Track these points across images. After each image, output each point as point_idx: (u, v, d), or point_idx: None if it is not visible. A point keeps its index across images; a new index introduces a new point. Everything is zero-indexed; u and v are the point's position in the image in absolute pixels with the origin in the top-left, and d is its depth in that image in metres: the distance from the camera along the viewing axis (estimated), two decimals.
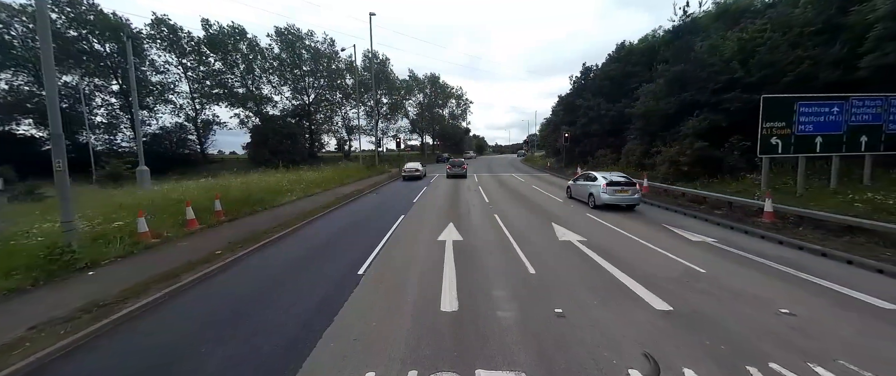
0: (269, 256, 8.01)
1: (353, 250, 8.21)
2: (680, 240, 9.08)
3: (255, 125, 40.95)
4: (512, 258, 7.51)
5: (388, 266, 7.09)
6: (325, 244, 8.89)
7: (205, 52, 39.20)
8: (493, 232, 9.91)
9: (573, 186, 15.91)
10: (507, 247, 8.32)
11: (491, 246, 8.46)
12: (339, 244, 8.86)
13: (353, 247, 8.54)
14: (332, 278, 6.40)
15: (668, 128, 20.05)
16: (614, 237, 9.36)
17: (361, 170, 29.44)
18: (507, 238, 9.20)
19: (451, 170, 26.46)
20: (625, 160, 24.07)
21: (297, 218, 11.79)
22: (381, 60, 53.03)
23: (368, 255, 7.73)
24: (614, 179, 13.18)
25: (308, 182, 20.52)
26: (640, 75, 27.61)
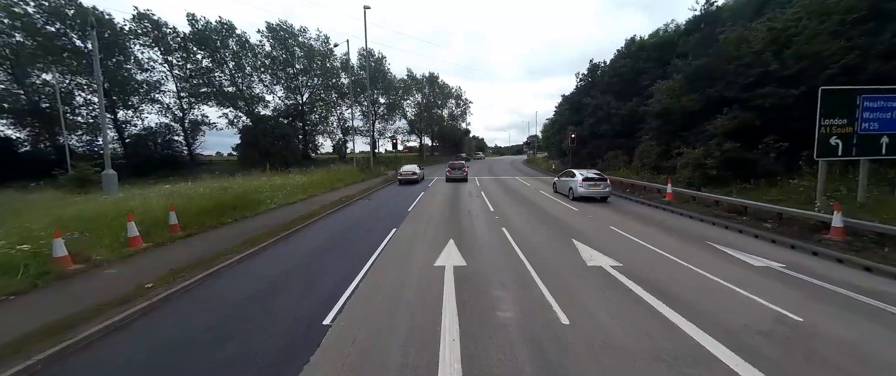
0: (212, 292, 6.14)
1: (325, 282, 6.35)
2: (738, 265, 7.25)
3: (246, 125, 39.08)
4: (533, 296, 5.66)
5: (367, 311, 5.23)
6: (290, 272, 7.02)
7: (192, 50, 37.35)
8: (502, 252, 8.06)
9: (557, 182, 18.27)
10: (524, 278, 6.48)
11: (503, 274, 6.61)
12: (308, 272, 7.00)
13: (325, 276, 6.67)
14: (283, 335, 4.54)
15: (689, 127, 18.25)
16: (655, 260, 7.52)
17: (355, 173, 27.59)
18: (521, 262, 7.35)
19: (450, 173, 24.64)
20: (639, 162, 22.26)
21: (268, 233, 9.92)
22: (377, 58, 51.23)
23: (343, 291, 5.88)
24: (589, 176, 15.58)
25: (294, 187, 18.65)
26: (652, 72, 25.86)
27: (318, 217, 12.38)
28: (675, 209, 13.13)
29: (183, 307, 5.56)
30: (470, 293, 5.77)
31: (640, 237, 9.45)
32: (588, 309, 5.21)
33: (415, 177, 24.13)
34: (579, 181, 15.30)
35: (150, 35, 35.44)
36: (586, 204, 14.95)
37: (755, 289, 5.93)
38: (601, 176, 15.91)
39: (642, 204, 14.89)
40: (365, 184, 23.18)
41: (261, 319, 4.99)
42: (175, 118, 39.46)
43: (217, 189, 16.33)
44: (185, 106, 39.07)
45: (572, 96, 32.27)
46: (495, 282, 6.25)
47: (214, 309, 5.40)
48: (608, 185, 15.54)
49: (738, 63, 16.19)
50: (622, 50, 29.06)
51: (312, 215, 12.50)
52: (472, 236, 9.54)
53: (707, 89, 16.96)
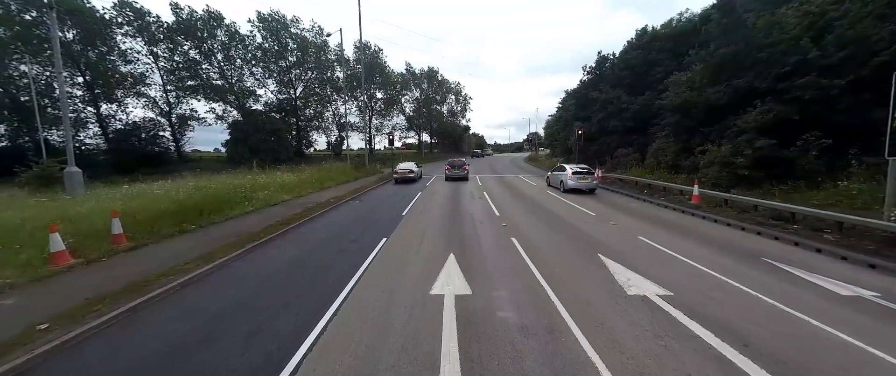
0: (128, 339, 4.51)
1: (281, 325, 4.73)
2: (818, 294, 5.66)
3: (235, 121, 37.26)
4: (567, 348, 4.06)
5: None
6: (238, 306, 5.39)
7: (179, 40, 35.49)
8: (516, 274, 6.44)
9: (550, 176, 19.95)
10: (550, 315, 4.86)
11: (521, 310, 5.00)
12: (262, 307, 5.36)
13: (283, 314, 5.05)
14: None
15: (712, 122, 16.62)
16: (710, 286, 5.91)
17: (348, 171, 25.91)
18: (542, 289, 5.74)
19: (449, 171, 22.98)
20: (653, 161, 20.64)
21: (231, 245, 8.28)
22: (373, 51, 49.37)
23: (303, 341, 4.27)
24: (577, 170, 17.22)
25: (279, 186, 17.00)
26: (666, 64, 24.21)
27: (297, 223, 10.73)
28: (705, 214, 11.52)
29: (77, 363, 3.93)
30: (480, 343, 4.15)
31: (679, 251, 7.85)
32: (646, 368, 3.60)
33: (412, 175, 22.78)
34: (569, 175, 16.97)
35: (133, 24, 33.57)
36: (605, 207, 13.35)
37: (856, 331, 4.39)
38: (588, 170, 17.59)
39: (665, 207, 13.29)
40: (358, 184, 21.53)
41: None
42: (162, 112, 37.67)
43: (192, 189, 14.76)
44: (171, 100, 37.27)
45: (579, 90, 30.58)
46: (513, 323, 4.63)
47: (121, 371, 3.78)
48: (596, 179, 17.22)
49: (771, 50, 14.54)
50: (632, 41, 27.37)
51: (291, 221, 10.86)
52: (476, 250, 7.91)
53: (735, 79, 15.31)
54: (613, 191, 17.94)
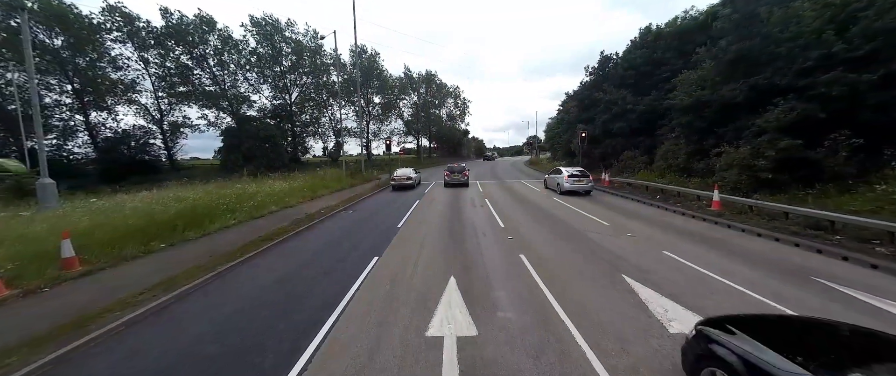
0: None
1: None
2: (891, 321, 4.62)
3: (228, 127, 36.26)
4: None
5: None
6: (184, 356, 4.34)
7: (170, 46, 34.62)
8: (530, 305, 5.39)
9: (547, 179, 20.36)
10: (577, 366, 3.82)
11: (541, 361, 3.95)
12: (222, 352, 4.32)
13: (243, 366, 4.00)
14: None
15: (727, 121, 15.66)
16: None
17: (343, 178, 24.90)
18: (563, 326, 4.70)
19: (449, 177, 21.97)
20: (663, 163, 19.65)
21: (201, 267, 7.25)
22: (369, 55, 48.53)
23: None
24: (573, 173, 17.79)
25: (268, 196, 15.97)
26: (672, 63, 23.31)
27: (280, 238, 9.69)
28: (730, 222, 10.50)
29: None
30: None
31: (713, 269, 6.81)
32: None
33: (410, 181, 21.83)
34: (565, 177, 17.55)
35: (122, 30, 32.70)
36: (618, 215, 12.32)
37: None
38: (584, 172, 17.96)
39: (683, 215, 12.27)
40: (353, 191, 20.51)
41: None
42: (153, 120, 36.70)
43: (172, 200, 13.76)
44: (163, 107, 36.33)
45: (581, 91, 29.66)
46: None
47: None
48: (591, 181, 17.72)
49: (790, 45, 13.61)
50: (636, 40, 26.49)
51: (274, 236, 9.81)
52: (481, 271, 6.86)
53: (752, 76, 14.36)
54: (622, 196, 16.93)
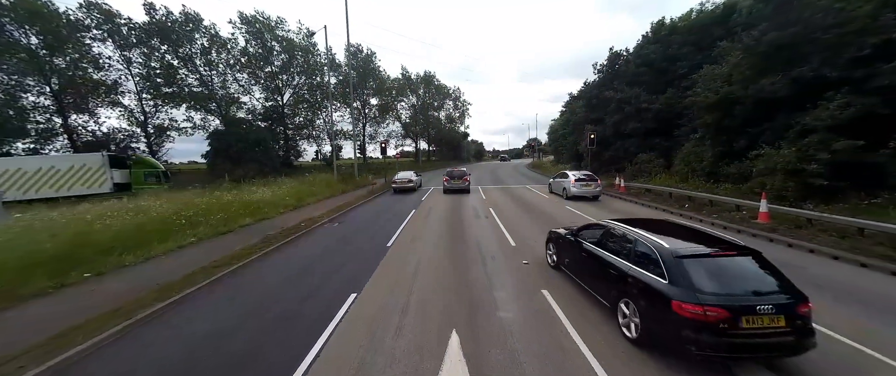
0: None
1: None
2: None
3: (215, 130, 34.39)
4: None
5: None
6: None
7: (155, 45, 32.84)
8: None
9: (552, 183, 19.11)
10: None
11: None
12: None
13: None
14: None
15: (763, 120, 13.88)
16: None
17: (334, 183, 23.05)
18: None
19: (448, 182, 20.12)
20: (684, 167, 17.82)
21: (111, 313, 5.39)
22: (365, 55, 46.81)
23: None
24: (580, 177, 16.44)
25: (242, 206, 14.11)
26: (689, 58, 21.57)
27: (239, 263, 7.80)
28: (790, 240, 8.66)
29: None
30: None
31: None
32: None
33: (411, 184, 21.61)
34: (572, 181, 16.33)
35: (102, 28, 30.93)
36: None
37: None
38: (591, 176, 16.75)
39: (725, 228, 10.43)
40: (343, 199, 18.64)
41: None
42: (137, 122, 34.82)
43: (130, 212, 11.93)
44: (147, 109, 34.47)
45: (589, 90, 27.86)
46: None
47: None
48: (599, 185, 16.50)
49: (840, 31, 11.82)
50: (649, 35, 24.77)
51: (233, 260, 7.93)
52: (494, 326, 4.97)
53: (795, 68, 12.57)
54: (643, 204, 15.09)
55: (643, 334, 4.11)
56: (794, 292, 3.75)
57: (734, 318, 3.52)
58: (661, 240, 4.37)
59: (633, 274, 4.39)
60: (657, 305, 3.94)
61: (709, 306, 3.55)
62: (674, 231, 4.99)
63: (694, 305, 3.59)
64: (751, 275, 3.97)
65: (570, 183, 16.36)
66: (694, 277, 3.80)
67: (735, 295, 3.71)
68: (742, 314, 3.54)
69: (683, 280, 3.81)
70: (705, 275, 3.84)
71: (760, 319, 3.54)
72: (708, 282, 3.77)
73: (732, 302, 3.60)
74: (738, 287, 3.84)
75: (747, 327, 3.53)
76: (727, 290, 3.75)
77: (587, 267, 5.55)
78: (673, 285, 3.85)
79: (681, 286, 3.79)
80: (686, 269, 3.87)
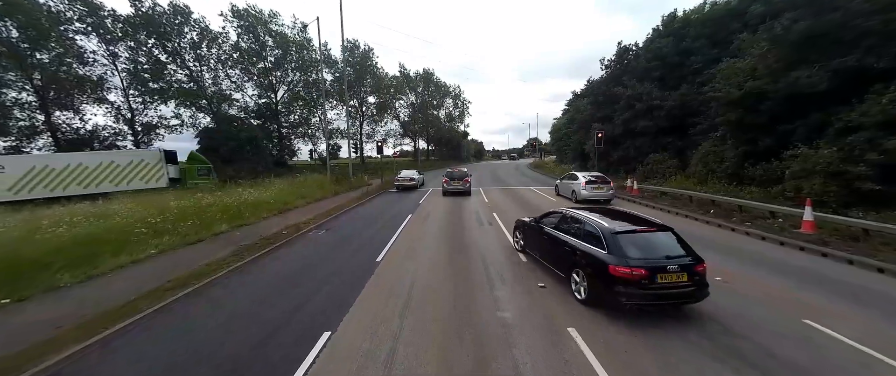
0: None
1: None
2: None
3: (205, 128, 33.02)
4: None
5: None
6: None
7: (141, 39, 31.46)
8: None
9: (559, 185, 17.66)
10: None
11: None
12: None
13: None
14: None
15: (794, 116, 12.60)
16: None
17: (327, 185, 21.73)
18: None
19: (448, 184, 18.82)
20: (702, 168, 16.54)
21: (28, 353, 4.07)
22: (363, 51, 45.40)
23: None
24: (591, 178, 15.16)
25: (221, 210, 12.81)
26: (704, 52, 20.30)
27: (199, 283, 6.51)
28: (849, 255, 7.37)
29: None
30: None
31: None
32: None
33: (413, 183, 21.88)
34: (582, 184, 15.08)
35: (86, 21, 29.54)
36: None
37: None
38: (603, 178, 15.52)
39: (763, 239, 9.14)
40: (335, 201, 17.33)
41: None
42: (125, 120, 33.43)
43: (91, 217, 10.72)
44: (134, 105, 33.07)
45: (596, 86, 26.55)
46: None
47: None
48: (611, 188, 15.21)
49: (886, 17, 10.54)
50: (659, 29, 23.49)
51: (191, 280, 6.64)
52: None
53: (834, 58, 11.29)
54: (660, 208, 13.81)
55: (590, 294, 5.26)
56: (694, 256, 4.94)
57: (652, 276, 4.62)
58: (603, 221, 5.55)
59: (581, 248, 5.55)
60: (599, 270, 5.04)
61: (634, 267, 4.65)
62: (612, 215, 6.06)
63: (624, 267, 4.69)
64: (665, 245, 5.09)
65: (580, 185, 15.09)
66: (625, 248, 4.93)
67: (652, 259, 4.79)
68: (657, 272, 4.64)
69: (618, 250, 4.93)
70: (633, 246, 4.97)
71: (670, 276, 4.68)
72: (634, 251, 4.88)
73: (650, 264, 4.70)
74: (655, 253, 4.92)
75: (661, 282, 4.65)
76: (647, 256, 4.84)
77: (547, 246, 6.70)
78: (610, 254, 4.96)
79: (615, 254, 4.90)
80: (619, 242, 5.01)
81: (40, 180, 19.49)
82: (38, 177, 19.50)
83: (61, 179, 20.04)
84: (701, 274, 4.80)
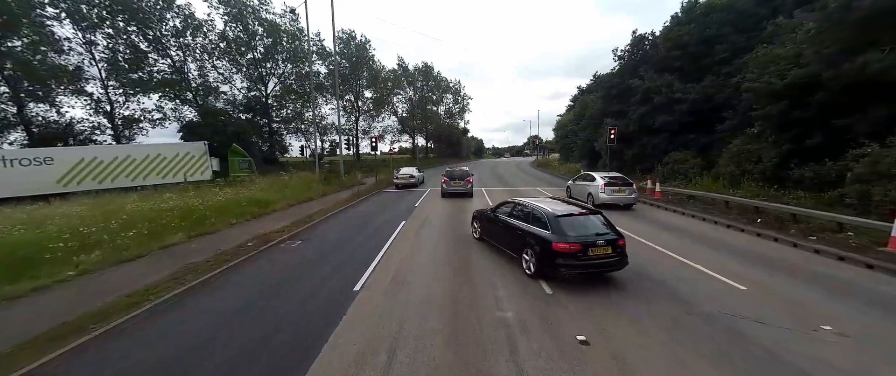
0: None
1: None
2: None
3: (189, 122, 31.02)
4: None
5: None
6: None
7: (121, 27, 29.39)
8: None
9: (572, 186, 16.11)
10: None
11: None
12: None
13: None
14: None
15: (853, 109, 10.75)
16: None
17: (315, 184, 19.84)
18: None
19: (447, 185, 16.94)
20: (735, 168, 14.69)
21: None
22: (359, 42, 43.28)
23: None
24: (611, 179, 13.42)
25: (183, 215, 10.95)
26: (731, 40, 18.40)
27: (105, 326, 4.65)
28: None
29: None
30: None
31: None
32: None
33: (412, 180, 21.28)
34: (600, 186, 13.26)
35: (60, 5, 27.44)
36: (743, 265, 7.32)
37: None
38: (625, 179, 13.69)
39: (840, 259, 7.29)
40: (319, 204, 15.44)
41: None
42: (104, 113, 31.38)
43: (17, 224, 8.91)
44: (113, 97, 31.03)
45: (609, 79, 24.59)
46: None
47: None
48: (634, 191, 13.42)
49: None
50: (679, 16, 21.56)
51: (96, 321, 4.77)
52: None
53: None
54: (690, 215, 11.98)
55: (537, 269, 6.19)
56: (617, 233, 6.10)
57: (584, 249, 5.68)
58: (547, 207, 6.70)
59: (530, 231, 6.51)
60: (543, 247, 5.99)
61: (571, 243, 5.69)
62: (553, 203, 7.23)
63: (563, 243, 5.72)
64: (595, 225, 6.23)
65: (599, 187, 13.25)
66: (564, 228, 6.00)
67: (585, 236, 5.88)
68: (589, 247, 5.71)
69: (558, 229, 5.99)
70: (570, 226, 6.07)
71: (598, 249, 5.75)
72: (572, 230, 5.98)
73: (584, 240, 5.76)
74: (587, 231, 6.03)
75: (592, 254, 5.72)
76: (581, 233, 5.94)
77: (502, 232, 7.58)
78: (553, 233, 5.97)
79: (556, 233, 5.95)
80: (560, 224, 6.08)
81: (89, 172, 19.40)
82: (88, 169, 19.39)
83: (110, 171, 19.93)
84: (621, 246, 5.88)
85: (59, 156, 18.94)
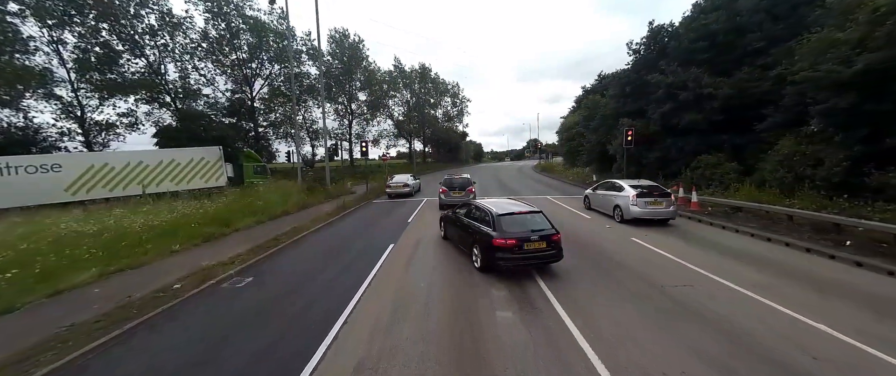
0: None
1: None
2: None
3: (165, 126, 28.66)
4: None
5: None
6: None
7: (92, 25, 27.16)
8: None
9: (591, 196, 14.04)
10: None
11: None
12: None
13: None
14: None
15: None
16: None
17: (295, 194, 17.44)
18: None
19: (446, 196, 14.64)
20: (786, 173, 12.41)
21: None
22: (352, 42, 41.10)
23: None
24: (644, 189, 11.29)
25: (114, 239, 8.62)
26: (766, 28, 16.24)
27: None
28: None
29: None
30: None
31: None
32: None
33: (407, 189, 19.72)
34: (631, 197, 11.11)
35: (23, 1, 25.18)
36: (863, 312, 5.01)
37: None
38: (660, 189, 11.45)
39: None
40: (294, 220, 13.08)
41: None
42: (74, 117, 29.01)
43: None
44: (84, 101, 28.68)
45: (624, 75, 22.42)
46: None
47: None
48: (672, 203, 11.16)
49: None
50: (701, 4, 19.45)
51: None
52: None
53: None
54: (741, 230, 9.68)
55: (483, 263, 6.85)
56: (553, 229, 6.77)
57: (520, 244, 6.37)
58: (494, 208, 7.28)
59: (478, 228, 7.20)
60: (487, 242, 6.65)
61: (509, 238, 6.39)
62: (506, 204, 7.95)
63: (503, 239, 6.41)
64: (533, 222, 6.89)
65: (629, 199, 11.12)
66: (505, 225, 6.67)
67: (522, 232, 6.53)
68: (525, 242, 6.40)
69: (500, 227, 6.65)
70: (511, 223, 6.74)
71: (534, 244, 6.44)
72: (511, 227, 6.64)
73: (521, 236, 6.44)
74: (525, 228, 6.66)
75: (528, 248, 6.41)
76: (520, 230, 6.60)
77: (460, 231, 8.30)
78: (495, 230, 6.64)
79: (498, 230, 6.60)
80: (501, 222, 6.75)
81: (100, 180, 18.41)
82: (98, 176, 18.38)
83: (122, 178, 18.88)
84: (557, 241, 6.63)
85: (67, 163, 18.03)
